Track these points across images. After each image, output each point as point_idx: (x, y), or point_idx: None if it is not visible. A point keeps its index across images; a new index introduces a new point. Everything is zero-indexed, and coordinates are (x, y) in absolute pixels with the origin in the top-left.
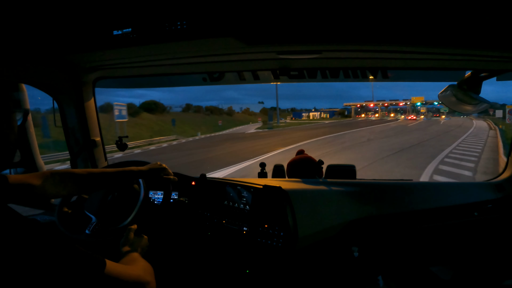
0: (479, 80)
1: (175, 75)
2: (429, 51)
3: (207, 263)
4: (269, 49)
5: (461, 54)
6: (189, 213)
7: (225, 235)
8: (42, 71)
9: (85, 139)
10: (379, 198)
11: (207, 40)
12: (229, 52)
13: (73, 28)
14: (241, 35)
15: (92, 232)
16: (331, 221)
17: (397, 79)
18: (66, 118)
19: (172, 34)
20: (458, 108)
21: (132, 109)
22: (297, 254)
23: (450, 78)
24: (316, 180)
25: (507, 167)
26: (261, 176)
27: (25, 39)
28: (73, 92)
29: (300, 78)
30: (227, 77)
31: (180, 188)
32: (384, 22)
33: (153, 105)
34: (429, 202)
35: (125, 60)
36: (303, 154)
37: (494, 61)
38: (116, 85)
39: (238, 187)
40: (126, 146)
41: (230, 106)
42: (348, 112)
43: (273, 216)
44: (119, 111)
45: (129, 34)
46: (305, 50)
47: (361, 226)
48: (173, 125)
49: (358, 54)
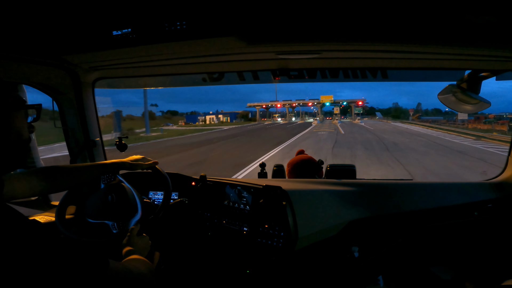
0: (478, 80)
1: (175, 75)
2: (429, 50)
3: (208, 263)
4: (268, 49)
5: (461, 53)
6: (189, 214)
7: (225, 235)
8: (42, 72)
9: (85, 140)
10: (379, 198)
11: (206, 40)
12: (229, 53)
13: (73, 29)
14: (241, 35)
15: (119, 230)
16: (331, 221)
17: (397, 79)
18: (65, 118)
19: (172, 34)
20: (458, 108)
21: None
22: (297, 254)
23: (449, 78)
24: (316, 180)
25: (507, 167)
26: (261, 177)
27: (25, 40)
28: (72, 92)
29: (300, 78)
30: (227, 77)
31: (180, 188)
32: (384, 21)
33: None
34: (429, 202)
35: (124, 61)
36: (303, 154)
37: (494, 60)
38: (116, 85)
39: (238, 188)
40: (126, 147)
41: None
42: (252, 115)
43: (273, 216)
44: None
45: (129, 35)
46: (304, 50)
47: (361, 226)
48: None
49: (358, 54)
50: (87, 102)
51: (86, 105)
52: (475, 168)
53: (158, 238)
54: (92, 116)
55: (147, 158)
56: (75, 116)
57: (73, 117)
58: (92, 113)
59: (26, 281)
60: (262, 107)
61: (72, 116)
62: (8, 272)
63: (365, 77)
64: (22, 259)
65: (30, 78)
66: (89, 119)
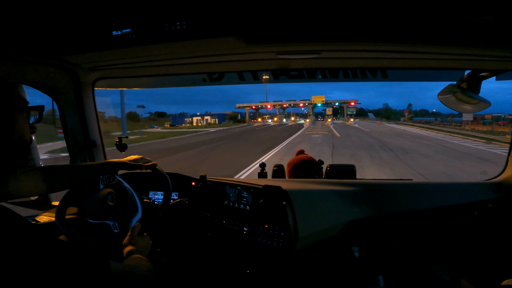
0: (478, 80)
1: (175, 75)
2: (429, 50)
3: (208, 263)
4: (268, 49)
5: (461, 53)
6: (190, 214)
7: (225, 235)
8: (41, 72)
9: (85, 140)
10: (379, 198)
11: (206, 40)
12: (228, 53)
13: (72, 29)
14: (241, 35)
15: (121, 229)
16: (331, 221)
17: (397, 79)
18: (65, 118)
19: (172, 34)
20: (458, 108)
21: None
22: (297, 254)
23: (449, 78)
24: (316, 180)
25: (507, 167)
26: (261, 177)
27: (25, 40)
28: (72, 92)
29: (300, 78)
30: (227, 77)
31: (180, 188)
32: (384, 21)
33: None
34: (429, 202)
35: (124, 61)
36: (303, 154)
37: (494, 60)
38: (115, 85)
39: (238, 188)
40: (126, 147)
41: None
42: (241, 117)
43: (273, 216)
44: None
45: (129, 35)
46: (304, 50)
47: (361, 226)
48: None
49: (358, 54)
50: (87, 102)
51: (86, 105)
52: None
53: (159, 238)
54: (92, 116)
55: (145, 158)
56: (75, 116)
57: (73, 117)
58: (92, 113)
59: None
60: (251, 108)
61: (72, 116)
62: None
63: (365, 77)
64: (25, 262)
65: (30, 78)
66: (89, 119)
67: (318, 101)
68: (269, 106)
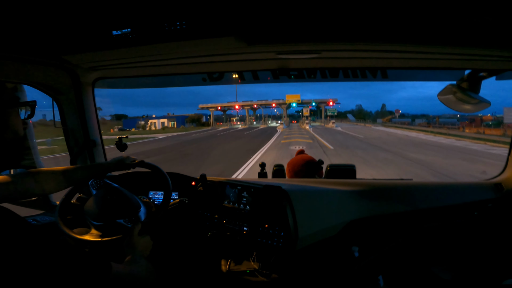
0: (478, 80)
1: (175, 75)
2: (429, 50)
3: (208, 263)
4: (268, 49)
5: (461, 53)
6: (189, 213)
7: (225, 235)
8: (41, 72)
9: (85, 140)
10: (379, 198)
11: (206, 40)
12: (228, 52)
13: (72, 28)
14: (241, 35)
15: (133, 224)
16: (331, 221)
17: (397, 79)
18: (65, 118)
19: (172, 34)
20: (458, 108)
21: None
22: (297, 254)
23: (449, 78)
24: (316, 180)
25: (506, 167)
26: (261, 176)
27: (25, 40)
28: (72, 92)
29: (300, 78)
30: (227, 77)
31: (180, 188)
32: (384, 22)
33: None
34: (429, 202)
35: (124, 61)
36: (303, 154)
37: (493, 60)
38: (115, 85)
39: (238, 187)
40: (126, 147)
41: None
42: (207, 119)
43: (273, 216)
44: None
45: (128, 34)
46: (304, 50)
47: (361, 226)
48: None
49: (358, 54)
50: (87, 102)
51: (86, 105)
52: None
53: (159, 238)
54: (92, 116)
55: (131, 157)
56: (75, 116)
57: (73, 117)
58: (92, 113)
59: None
60: (217, 109)
61: (72, 116)
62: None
63: (365, 77)
64: (27, 263)
65: (30, 78)
66: (89, 119)
67: (292, 101)
68: (237, 106)
